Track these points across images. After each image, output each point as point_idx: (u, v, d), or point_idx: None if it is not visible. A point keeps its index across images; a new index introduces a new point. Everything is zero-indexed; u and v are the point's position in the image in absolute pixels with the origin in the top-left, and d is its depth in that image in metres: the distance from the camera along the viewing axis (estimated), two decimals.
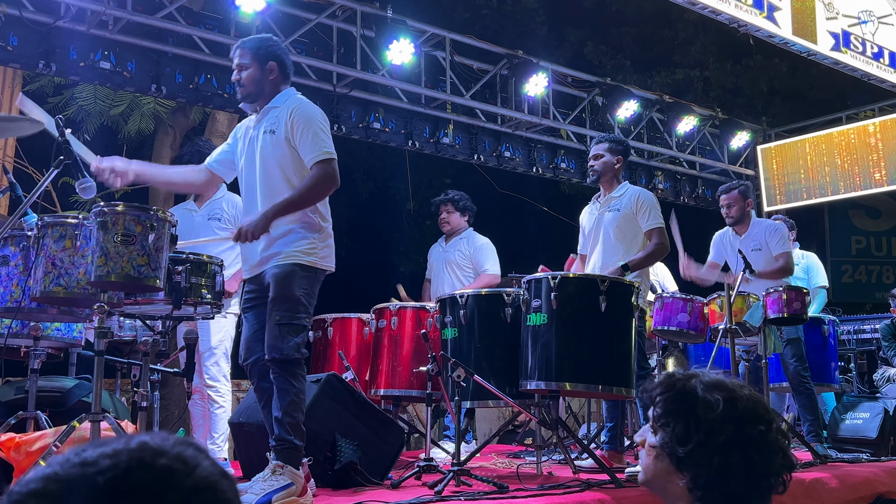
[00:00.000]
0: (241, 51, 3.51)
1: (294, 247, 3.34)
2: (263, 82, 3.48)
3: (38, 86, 8.79)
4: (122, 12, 6.10)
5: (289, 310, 3.28)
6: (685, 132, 9.88)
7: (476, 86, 8.11)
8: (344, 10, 7.28)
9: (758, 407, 1.67)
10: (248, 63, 3.47)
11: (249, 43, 3.52)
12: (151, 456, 0.83)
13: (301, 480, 3.22)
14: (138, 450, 0.83)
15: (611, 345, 4.00)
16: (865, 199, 11.81)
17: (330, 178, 3.35)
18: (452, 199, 5.93)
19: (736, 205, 5.63)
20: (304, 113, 3.40)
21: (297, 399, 3.27)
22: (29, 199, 3.02)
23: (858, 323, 8.93)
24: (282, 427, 3.23)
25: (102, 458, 0.81)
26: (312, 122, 3.38)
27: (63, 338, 3.95)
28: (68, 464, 0.81)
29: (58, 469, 0.81)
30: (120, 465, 0.81)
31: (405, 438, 4.46)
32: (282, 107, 3.45)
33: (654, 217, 4.53)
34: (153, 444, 0.84)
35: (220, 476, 0.85)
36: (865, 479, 4.45)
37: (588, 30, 14.34)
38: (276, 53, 3.51)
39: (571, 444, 4.84)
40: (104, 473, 0.80)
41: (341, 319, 5.18)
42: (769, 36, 8.08)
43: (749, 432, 1.63)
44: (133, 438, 0.85)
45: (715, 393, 1.64)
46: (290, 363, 3.26)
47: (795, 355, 5.43)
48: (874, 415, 5.68)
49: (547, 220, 12.31)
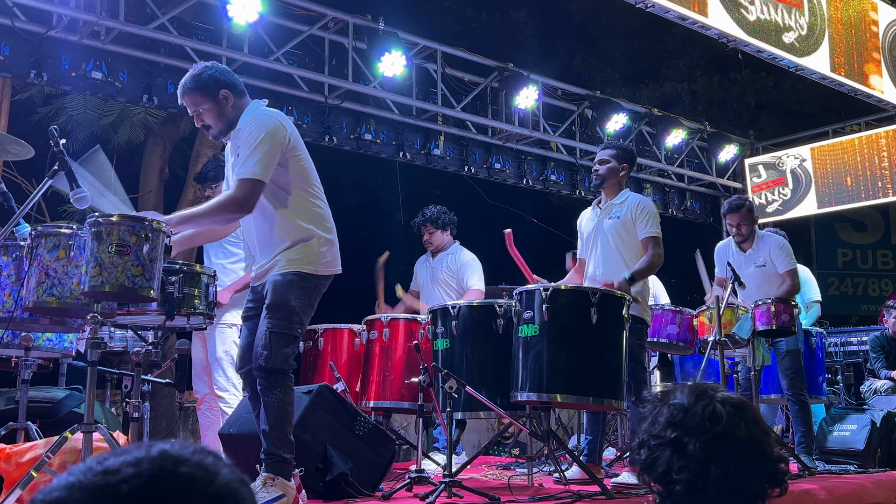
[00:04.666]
0: (188, 97, 3.37)
1: (293, 255, 3.32)
2: (226, 113, 3.37)
3: (28, 95, 8.77)
4: (114, 23, 6.11)
5: (282, 318, 3.25)
6: (674, 145, 9.96)
7: (467, 98, 8.15)
8: (336, 22, 7.31)
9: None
10: (203, 103, 3.35)
11: (191, 84, 3.36)
12: (173, 464, 0.83)
13: (292, 492, 3.21)
14: (160, 458, 0.83)
15: (602, 357, 4.02)
16: (851, 212, 11.90)
17: (237, 200, 3.22)
18: (431, 218, 5.82)
19: (745, 223, 5.53)
20: (250, 128, 3.29)
21: (284, 412, 3.23)
22: (23, 208, 3.03)
23: (845, 335, 8.99)
24: (269, 441, 3.21)
25: (125, 466, 0.82)
26: (252, 138, 3.25)
27: (54, 348, 3.94)
28: (91, 472, 0.82)
29: (81, 478, 0.82)
30: (143, 473, 0.81)
31: (396, 450, 4.46)
32: (242, 126, 3.36)
33: (651, 226, 4.48)
34: (174, 452, 0.85)
35: (239, 483, 0.86)
36: (853, 491, 4.48)
37: (577, 43, 14.44)
38: (220, 79, 3.37)
39: (562, 456, 4.85)
40: (128, 482, 0.81)
41: (332, 330, 5.18)
42: (758, 51, 8.16)
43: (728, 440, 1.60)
44: (153, 446, 0.85)
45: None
46: (276, 374, 3.22)
47: (793, 367, 5.42)
48: (861, 426, 5.72)
49: (537, 231, 12.36)
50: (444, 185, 12.37)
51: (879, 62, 9.20)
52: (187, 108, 3.43)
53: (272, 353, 3.20)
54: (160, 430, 7.62)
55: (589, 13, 14.23)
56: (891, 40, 9.11)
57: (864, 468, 5.41)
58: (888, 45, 9.15)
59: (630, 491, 3.96)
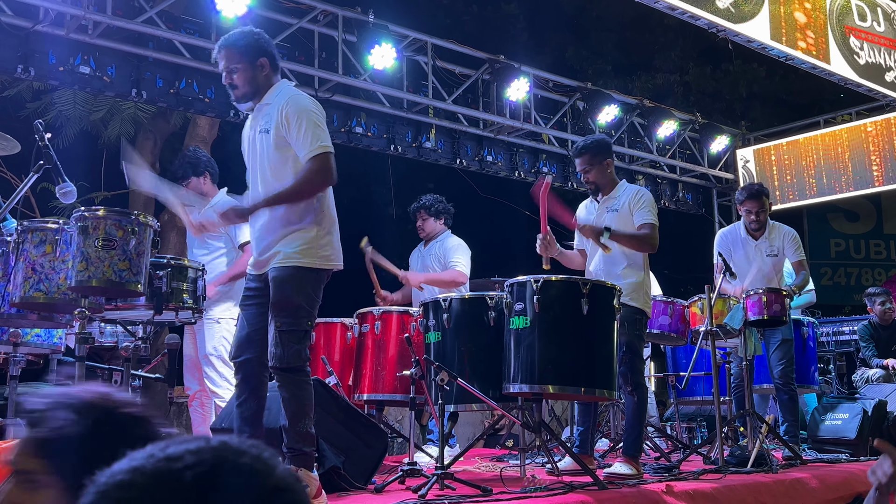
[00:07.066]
0: (226, 52, 3.32)
1: (293, 248, 3.27)
2: (257, 80, 3.33)
3: (17, 91, 8.72)
4: (101, 17, 6.07)
5: (290, 315, 3.22)
6: (665, 136, 9.96)
7: (458, 90, 8.13)
8: (325, 15, 7.28)
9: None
10: (238, 63, 3.31)
11: (235, 41, 3.32)
12: (234, 454, 0.84)
13: (315, 482, 3.22)
14: (221, 448, 0.84)
15: (593, 347, 4.01)
16: (843, 202, 11.95)
17: (323, 172, 3.22)
18: (425, 205, 5.86)
19: (763, 210, 5.47)
20: (296, 106, 3.24)
21: (303, 407, 3.25)
22: (8, 203, 3.00)
23: (837, 325, 9.03)
24: (290, 437, 3.23)
25: (188, 454, 0.83)
26: (304, 116, 3.22)
27: (43, 344, 3.92)
28: (153, 459, 0.83)
29: (144, 462, 0.83)
30: (206, 461, 0.82)
31: (388, 443, 4.45)
32: (273, 103, 3.31)
33: (648, 213, 4.41)
34: (234, 444, 0.85)
35: (294, 479, 0.88)
36: (845, 479, 4.49)
37: (569, 35, 14.42)
38: (265, 48, 3.35)
39: (554, 448, 4.85)
40: (192, 468, 0.81)
41: (324, 324, 5.16)
42: (748, 41, 8.14)
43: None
44: (211, 438, 0.86)
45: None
46: (293, 371, 3.23)
47: (785, 357, 5.41)
48: (853, 415, 5.73)
49: (529, 224, 12.34)
50: (436, 178, 12.35)
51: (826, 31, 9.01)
52: (219, 63, 3.37)
53: (285, 352, 3.20)
54: None
55: (580, 5, 14.21)
56: (838, 11, 9.04)
57: (855, 457, 5.43)
58: (836, 14, 9.05)
59: (622, 481, 3.96)
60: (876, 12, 9.37)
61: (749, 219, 5.55)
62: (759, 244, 5.53)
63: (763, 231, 5.54)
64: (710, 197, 11.21)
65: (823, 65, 8.64)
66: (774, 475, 4.36)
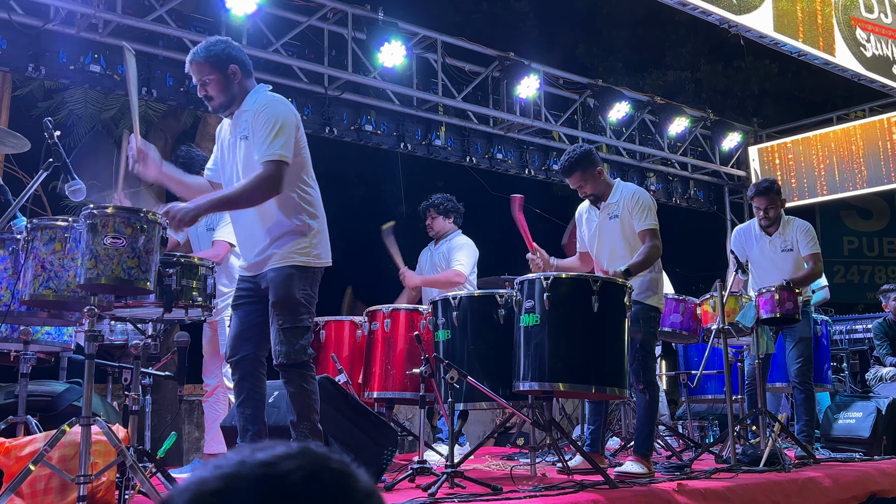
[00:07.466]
0: (196, 65, 3.35)
1: (288, 248, 3.32)
2: (231, 88, 3.36)
3: (29, 90, 8.76)
4: (111, 15, 6.08)
5: (290, 313, 3.28)
6: (677, 133, 9.90)
7: (468, 88, 8.11)
8: (335, 13, 7.27)
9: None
10: (209, 74, 3.34)
11: (203, 53, 3.34)
12: (324, 460, 0.84)
13: None
14: (310, 454, 0.84)
15: (603, 345, 3.99)
16: (856, 199, 11.86)
17: (271, 181, 3.18)
18: (434, 203, 5.87)
19: (773, 206, 5.43)
20: (267, 112, 3.27)
21: (310, 402, 3.30)
22: (18, 201, 3.01)
23: (851, 323, 8.96)
24: (298, 432, 3.27)
25: (281, 460, 0.82)
26: (273, 121, 3.23)
27: (53, 342, 3.92)
28: (246, 465, 0.81)
29: (239, 469, 0.81)
30: (305, 466, 0.82)
31: (398, 441, 4.44)
32: (251, 109, 3.34)
33: (647, 217, 4.40)
34: (318, 451, 0.85)
35: (375, 486, 0.88)
36: (858, 479, 4.45)
37: (579, 32, 14.37)
38: (234, 55, 3.37)
39: (565, 446, 4.83)
40: (294, 473, 0.81)
41: (334, 322, 5.16)
42: (759, 37, 8.06)
43: None
44: (291, 444, 0.85)
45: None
46: (298, 366, 3.28)
47: (802, 356, 5.36)
48: (867, 414, 5.68)
49: (539, 221, 12.32)
50: (446, 175, 12.33)
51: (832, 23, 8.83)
52: (192, 77, 3.41)
53: (288, 349, 3.25)
54: (165, 423, 7.62)
55: (591, 1, 14.16)
56: (844, 2, 8.93)
57: (869, 456, 5.38)
58: (842, 6, 8.94)
59: (634, 480, 3.94)
60: (883, 4, 9.21)
61: (759, 215, 5.52)
62: (773, 240, 5.49)
63: (776, 227, 5.50)
64: (721, 194, 11.15)
65: (828, 57, 8.50)
66: (787, 474, 4.32)
